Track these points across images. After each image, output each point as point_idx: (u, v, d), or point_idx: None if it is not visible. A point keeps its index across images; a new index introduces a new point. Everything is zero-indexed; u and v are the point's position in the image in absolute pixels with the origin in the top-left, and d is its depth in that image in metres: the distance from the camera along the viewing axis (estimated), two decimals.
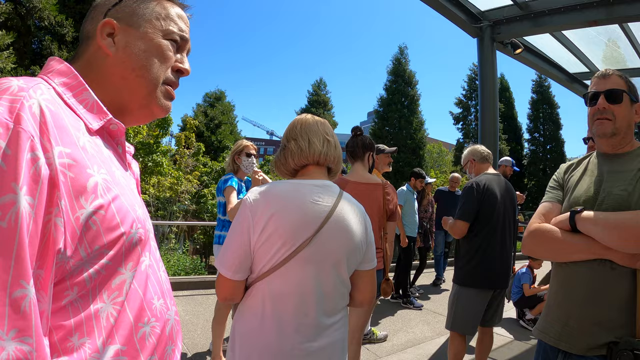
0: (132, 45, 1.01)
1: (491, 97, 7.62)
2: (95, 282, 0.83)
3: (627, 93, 1.91)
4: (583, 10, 6.42)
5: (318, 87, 37.28)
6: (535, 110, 35.99)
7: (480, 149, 4.10)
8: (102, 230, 0.82)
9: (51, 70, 0.94)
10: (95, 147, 0.89)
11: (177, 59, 1.10)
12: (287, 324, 1.64)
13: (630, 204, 1.73)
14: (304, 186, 1.74)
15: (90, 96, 0.94)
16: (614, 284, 1.72)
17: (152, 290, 0.97)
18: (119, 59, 1.00)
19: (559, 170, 2.21)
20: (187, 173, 14.75)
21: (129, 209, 0.90)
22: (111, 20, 1.00)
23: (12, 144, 0.70)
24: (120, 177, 0.94)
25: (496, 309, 3.85)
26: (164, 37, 1.05)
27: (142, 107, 1.06)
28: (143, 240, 0.95)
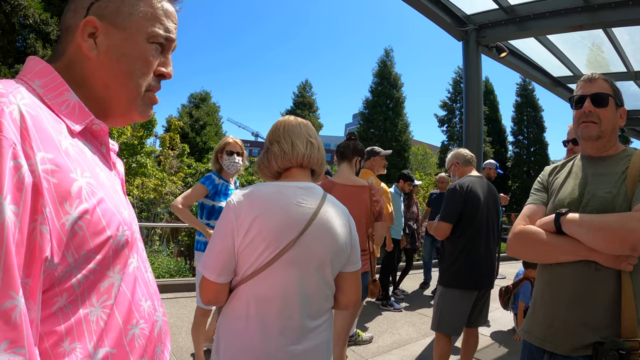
0: (115, 49, 0.96)
1: (476, 100, 7.68)
2: (83, 287, 0.81)
3: (613, 97, 1.94)
4: (567, 15, 6.50)
5: (303, 89, 37.35)
6: (520, 113, 36.40)
7: (463, 152, 4.15)
8: (89, 234, 0.80)
9: (30, 71, 0.91)
10: (78, 149, 0.86)
11: (160, 62, 1.05)
12: (271, 326, 1.63)
13: (614, 206, 1.77)
14: (287, 188, 1.73)
15: (72, 97, 0.91)
16: (599, 285, 1.74)
17: (140, 292, 0.96)
18: (100, 63, 0.95)
19: (544, 173, 2.23)
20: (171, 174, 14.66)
21: (115, 212, 0.88)
22: (94, 19, 0.93)
23: None
24: (105, 179, 0.92)
25: (481, 310, 3.88)
26: (149, 41, 1.00)
27: (123, 114, 1.04)
28: (130, 242, 0.93)
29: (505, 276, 9.16)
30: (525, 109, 36.07)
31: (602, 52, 8.20)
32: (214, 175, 3.96)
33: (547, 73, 9.83)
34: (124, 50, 0.96)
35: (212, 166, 4.11)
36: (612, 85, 1.97)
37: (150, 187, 12.45)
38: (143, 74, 1.00)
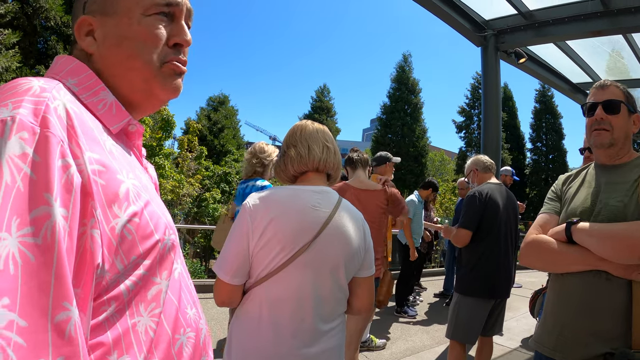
0: (111, 36, 0.89)
1: (494, 106, 7.62)
2: (132, 295, 0.77)
3: (625, 104, 1.91)
4: (587, 20, 6.44)
5: (322, 93, 37.42)
6: (538, 119, 36.03)
7: (483, 159, 4.12)
8: (138, 239, 0.77)
9: (62, 69, 0.86)
10: (119, 150, 0.83)
11: (172, 31, 0.94)
12: (284, 329, 1.64)
13: (626, 215, 1.73)
14: (303, 192, 1.75)
15: (109, 96, 0.87)
16: (610, 295, 1.72)
17: (185, 299, 0.92)
18: (102, 56, 0.89)
19: (557, 182, 2.21)
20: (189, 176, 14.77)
21: (160, 215, 0.85)
22: (86, 17, 0.89)
23: (41, 150, 0.63)
24: (147, 182, 0.89)
25: (497, 319, 3.84)
26: (146, 14, 0.90)
27: (147, 96, 0.95)
28: (175, 246, 0.90)
29: (521, 285, 9.06)
30: (544, 115, 35.70)
31: (622, 58, 8.09)
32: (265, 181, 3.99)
33: (566, 79, 9.73)
34: (120, 33, 0.89)
35: (249, 171, 4.02)
36: (625, 92, 1.94)
37: (168, 188, 12.57)
38: (150, 50, 0.91)
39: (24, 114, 0.64)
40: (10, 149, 0.61)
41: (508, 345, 5.57)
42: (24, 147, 0.62)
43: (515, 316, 6.75)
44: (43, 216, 0.60)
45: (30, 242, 0.58)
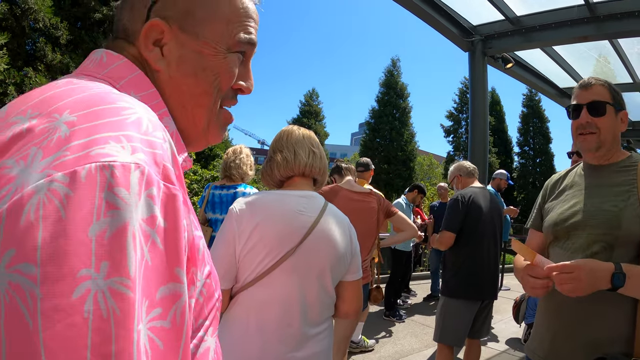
0: (189, 61, 0.75)
1: (482, 110, 7.67)
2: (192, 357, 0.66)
3: (611, 103, 1.84)
4: (574, 26, 6.50)
5: (310, 98, 37.38)
6: (526, 124, 36.30)
7: (465, 164, 4.18)
8: (205, 301, 0.67)
9: (121, 75, 0.70)
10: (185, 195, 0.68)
11: (239, 74, 0.82)
12: (270, 333, 1.64)
13: (620, 220, 1.70)
14: (289, 197, 1.76)
15: (171, 124, 0.73)
16: (608, 304, 1.69)
17: (220, 350, 0.80)
18: (172, 79, 0.75)
19: (546, 185, 2.20)
20: None
21: (213, 269, 0.73)
22: (159, 22, 0.72)
23: (170, 214, 0.52)
24: None
25: (484, 321, 3.86)
26: (230, 51, 0.78)
27: (200, 138, 0.83)
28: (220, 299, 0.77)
29: (509, 287, 9.11)
30: (531, 119, 35.97)
31: (608, 62, 8.18)
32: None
33: (553, 84, 9.82)
34: (202, 64, 0.75)
35: (245, 177, 3.85)
36: (611, 89, 1.87)
37: None
38: (223, 89, 0.79)
39: (147, 162, 0.50)
40: (140, 212, 0.47)
41: (496, 347, 5.60)
42: (153, 208, 0.49)
43: (503, 319, 6.79)
44: (173, 295, 0.50)
45: (158, 327, 0.48)
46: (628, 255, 1.67)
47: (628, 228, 1.68)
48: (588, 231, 1.79)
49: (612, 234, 1.71)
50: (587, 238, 1.79)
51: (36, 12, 15.64)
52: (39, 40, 16.19)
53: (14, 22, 15.39)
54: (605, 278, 1.57)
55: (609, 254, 1.71)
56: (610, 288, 1.57)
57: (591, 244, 1.77)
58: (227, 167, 3.87)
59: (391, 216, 3.63)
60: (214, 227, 3.84)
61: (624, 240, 1.69)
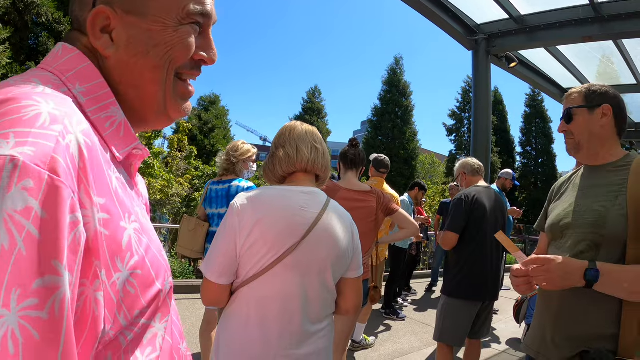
0: (138, 41, 0.75)
1: (484, 109, 7.66)
2: (129, 343, 0.68)
3: (581, 106, 1.94)
4: (578, 25, 6.48)
5: (313, 95, 37.41)
6: (528, 124, 36.28)
7: (471, 162, 4.13)
8: (140, 291, 0.69)
9: (70, 68, 0.72)
10: (121, 184, 0.71)
11: (199, 44, 0.83)
12: (271, 330, 1.63)
13: (606, 220, 1.74)
14: (291, 193, 1.75)
15: (119, 113, 0.75)
16: (596, 299, 1.71)
17: (178, 336, 0.84)
18: (123, 62, 0.76)
19: (553, 187, 2.24)
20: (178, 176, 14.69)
21: (160, 259, 0.76)
22: (104, 9, 0.73)
23: (50, 205, 0.52)
24: (143, 217, 0.76)
25: (484, 321, 3.84)
26: (181, 23, 0.78)
27: (159, 115, 0.84)
28: (172, 287, 0.82)
29: (510, 287, 9.08)
30: (534, 119, 35.96)
31: (612, 63, 8.17)
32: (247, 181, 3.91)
33: (556, 84, 9.80)
34: (150, 40, 0.76)
35: (223, 170, 3.95)
36: (585, 92, 1.96)
37: (157, 188, 12.48)
38: (176, 61, 0.80)
39: (29, 155, 0.51)
40: (10, 203, 0.49)
41: (496, 347, 5.59)
42: (28, 199, 0.50)
43: (503, 319, 6.78)
44: (50, 287, 0.50)
45: (33, 317, 0.48)
46: (614, 255, 1.70)
47: (613, 228, 1.71)
48: (577, 231, 1.84)
49: (598, 234, 1.75)
50: (575, 237, 1.84)
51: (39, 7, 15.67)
52: (42, 34, 16.21)
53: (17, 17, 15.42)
54: (578, 273, 1.65)
55: (595, 253, 1.75)
56: (586, 285, 1.64)
57: (578, 243, 1.82)
58: (222, 162, 3.94)
59: (392, 214, 3.59)
60: (211, 222, 3.88)
61: (609, 240, 1.72)
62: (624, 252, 1.68)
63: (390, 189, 5.04)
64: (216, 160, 4.09)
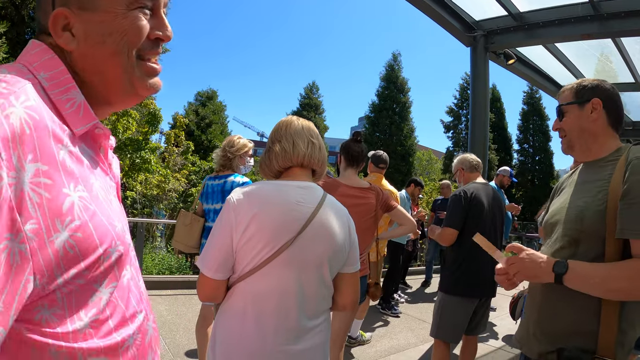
0: (94, 33, 0.86)
1: (482, 106, 7.66)
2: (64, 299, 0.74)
3: (570, 102, 1.93)
4: (577, 23, 6.48)
5: (310, 91, 37.45)
6: (526, 121, 36.39)
7: (469, 158, 4.11)
8: (80, 253, 0.75)
9: (37, 59, 0.84)
10: (75, 158, 0.80)
11: (153, 24, 0.93)
12: (267, 325, 1.63)
13: (583, 216, 1.74)
14: (287, 187, 1.74)
15: (78, 95, 0.85)
16: (568, 298, 1.72)
17: (135, 302, 0.91)
18: (83, 54, 0.87)
19: (557, 184, 2.24)
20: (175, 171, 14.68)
21: (108, 226, 0.82)
22: (61, 11, 0.84)
23: None
24: (99, 189, 0.86)
25: (481, 318, 3.84)
26: (129, 9, 0.87)
27: (127, 94, 0.95)
28: (123, 255, 0.87)
29: None
30: (531, 117, 36.07)
31: (610, 62, 8.17)
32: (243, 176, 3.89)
33: (554, 81, 9.80)
34: (105, 30, 0.86)
35: (220, 166, 3.94)
36: (575, 88, 1.95)
37: (154, 183, 12.48)
38: (133, 42, 0.89)
39: None
40: None
41: (492, 344, 5.60)
42: None
43: (500, 315, 6.79)
44: None
45: None
46: (593, 252, 1.70)
47: (591, 223, 1.71)
48: (561, 226, 1.86)
49: (577, 229, 1.76)
50: (559, 233, 1.86)
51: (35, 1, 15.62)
52: None
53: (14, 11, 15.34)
54: (547, 266, 1.70)
55: (574, 249, 1.76)
56: (555, 278, 1.67)
57: (559, 239, 1.84)
58: (219, 158, 3.94)
59: (390, 210, 3.59)
60: (207, 218, 3.87)
61: (588, 236, 1.72)
62: (604, 249, 1.68)
63: (389, 185, 5.03)
64: (213, 156, 4.09)
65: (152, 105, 13.07)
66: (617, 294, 1.61)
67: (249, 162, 3.95)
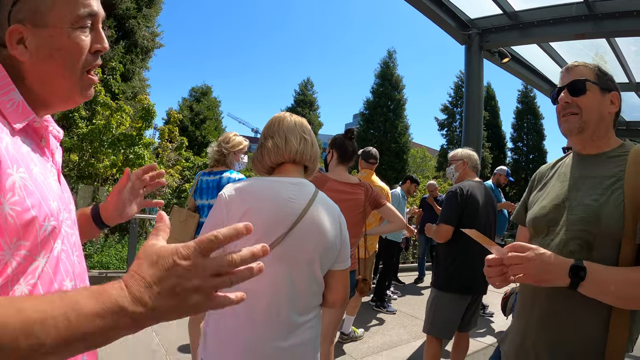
0: (44, 47, 0.98)
1: (476, 104, 7.68)
2: (16, 271, 0.88)
3: (594, 82, 1.71)
4: (571, 23, 6.51)
5: (305, 87, 37.38)
6: (520, 120, 36.48)
7: (475, 157, 4.11)
8: (19, 224, 0.87)
9: None
10: (16, 146, 0.93)
11: (92, 38, 1.06)
12: (258, 321, 1.64)
13: (599, 216, 1.56)
14: (279, 183, 1.75)
15: (17, 96, 0.97)
16: (580, 305, 1.57)
17: (64, 273, 1.03)
18: (34, 64, 0.99)
19: (534, 176, 2.08)
20: (168, 167, 14.62)
21: (43, 204, 0.94)
22: (17, 27, 0.95)
23: None
24: (38, 173, 0.97)
25: (473, 314, 3.87)
26: (73, 27, 1.01)
27: (64, 101, 1.09)
28: (56, 230, 0.99)
29: None
30: (525, 115, 36.17)
31: (605, 62, 8.20)
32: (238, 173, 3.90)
33: (548, 80, 9.84)
34: (53, 45, 0.99)
35: (215, 161, 3.95)
36: (596, 70, 1.74)
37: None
38: (78, 57, 1.03)
39: None
40: None
41: (484, 340, 5.63)
42: None
43: (492, 312, 6.82)
44: None
45: None
46: (608, 258, 1.53)
47: (607, 225, 1.54)
48: (566, 227, 1.66)
49: (590, 232, 1.58)
50: (564, 235, 1.66)
51: None
52: None
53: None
54: (562, 269, 1.47)
55: (587, 254, 1.57)
56: (570, 284, 1.46)
57: (568, 242, 1.64)
58: (213, 153, 3.95)
59: (379, 207, 3.59)
60: (201, 213, 3.85)
61: (603, 239, 1.55)
62: (619, 254, 1.52)
63: (379, 182, 5.04)
64: (207, 151, 4.08)
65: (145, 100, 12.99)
66: (638, 303, 1.48)
67: (243, 160, 3.96)
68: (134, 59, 20.16)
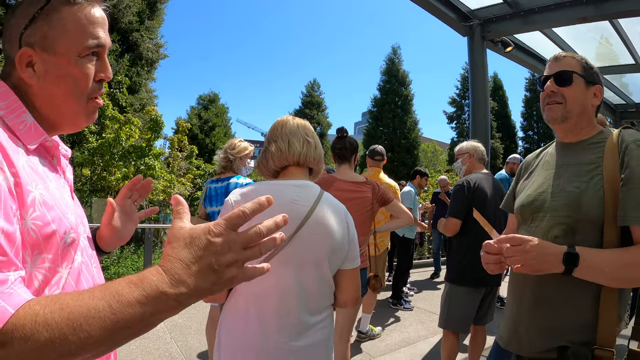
0: (52, 72, 1.03)
1: (482, 95, 7.62)
2: (42, 283, 0.92)
3: (580, 74, 1.77)
4: (572, 7, 6.43)
5: (312, 88, 37.41)
6: (529, 108, 36.25)
7: (481, 148, 4.09)
8: (41, 237, 0.91)
9: None
10: (32, 165, 0.97)
11: (98, 68, 1.11)
12: (269, 323, 1.66)
13: (580, 202, 1.62)
14: (284, 186, 1.76)
15: (28, 118, 1.01)
16: (571, 286, 1.62)
17: (85, 284, 1.07)
18: (42, 88, 1.03)
19: (521, 165, 2.13)
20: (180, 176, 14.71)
21: (62, 218, 0.99)
22: (27, 50, 1.00)
23: None
24: (55, 189, 1.02)
25: (489, 307, 3.85)
26: (81, 55, 1.05)
27: (70, 125, 1.14)
28: (75, 242, 1.04)
29: None
30: (534, 103, 35.90)
31: (610, 44, 8.10)
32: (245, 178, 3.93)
33: None
34: (60, 72, 1.04)
35: (222, 167, 3.97)
36: (582, 62, 1.80)
37: (160, 189, 12.51)
38: (84, 85, 1.07)
39: None
40: None
41: None
42: None
43: None
44: None
45: None
46: (591, 241, 1.60)
47: (588, 211, 1.61)
48: (550, 213, 1.73)
49: (572, 217, 1.64)
50: (548, 221, 1.73)
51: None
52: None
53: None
54: (556, 258, 1.52)
55: (570, 238, 1.64)
56: (564, 270, 1.52)
57: (552, 227, 1.71)
58: (220, 160, 3.98)
59: (387, 204, 3.60)
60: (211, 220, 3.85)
61: (585, 224, 1.62)
62: (602, 237, 1.59)
63: (387, 179, 5.03)
64: (215, 159, 4.12)
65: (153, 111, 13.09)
66: (632, 282, 1.55)
67: (250, 164, 3.99)
68: (140, 71, 20.32)
